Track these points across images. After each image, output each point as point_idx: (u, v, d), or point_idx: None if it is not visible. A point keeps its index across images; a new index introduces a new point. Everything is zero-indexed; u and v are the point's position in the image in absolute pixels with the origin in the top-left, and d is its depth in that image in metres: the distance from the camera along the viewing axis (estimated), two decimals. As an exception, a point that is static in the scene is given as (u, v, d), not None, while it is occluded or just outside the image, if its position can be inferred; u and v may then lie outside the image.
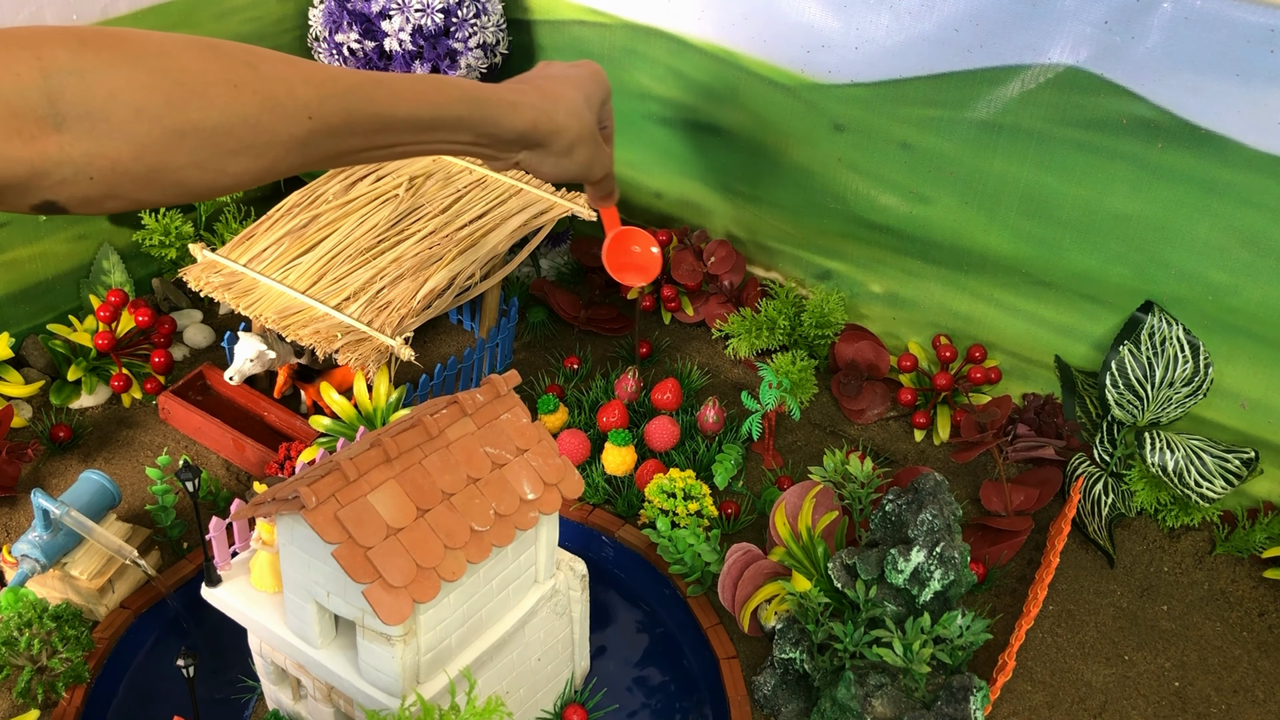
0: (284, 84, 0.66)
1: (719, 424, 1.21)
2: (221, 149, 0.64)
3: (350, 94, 0.70)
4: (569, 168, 0.88)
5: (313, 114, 0.68)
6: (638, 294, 1.35)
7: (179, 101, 0.61)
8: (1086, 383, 1.22)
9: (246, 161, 0.66)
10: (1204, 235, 1.07)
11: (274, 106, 0.65)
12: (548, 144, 0.85)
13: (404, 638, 0.75)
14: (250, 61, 0.65)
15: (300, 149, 0.68)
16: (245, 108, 0.64)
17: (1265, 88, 0.97)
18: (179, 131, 0.61)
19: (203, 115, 0.62)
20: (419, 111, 0.75)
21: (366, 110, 0.71)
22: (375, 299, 1.10)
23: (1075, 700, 1.00)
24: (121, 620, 1.00)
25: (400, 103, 0.73)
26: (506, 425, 0.81)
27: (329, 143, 0.70)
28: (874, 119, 1.19)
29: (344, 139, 0.71)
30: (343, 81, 0.70)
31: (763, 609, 1.01)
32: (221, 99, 0.63)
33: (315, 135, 0.69)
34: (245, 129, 0.64)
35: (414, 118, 0.75)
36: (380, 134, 0.74)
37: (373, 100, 0.72)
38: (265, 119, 0.65)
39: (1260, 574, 1.13)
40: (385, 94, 0.73)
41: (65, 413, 1.22)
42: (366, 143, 0.74)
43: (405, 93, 0.74)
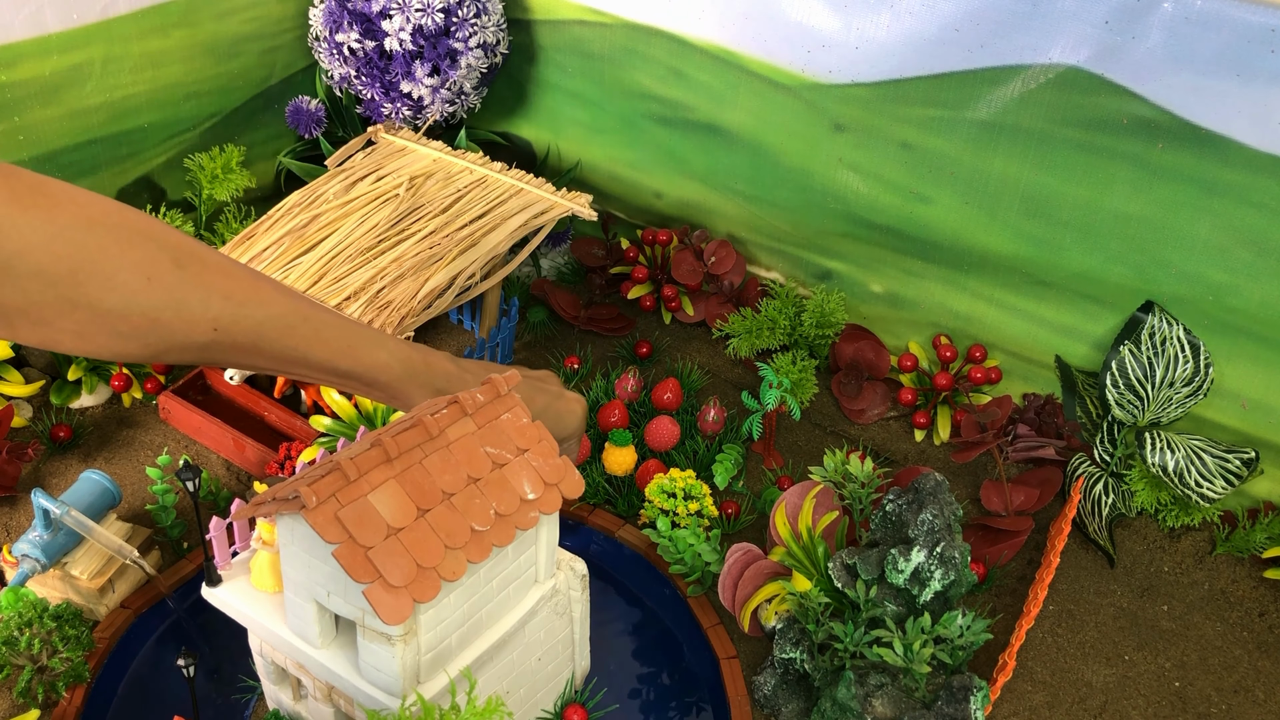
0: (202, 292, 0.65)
1: (719, 424, 1.21)
2: (112, 331, 0.63)
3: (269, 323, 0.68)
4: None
5: (220, 327, 0.66)
6: (639, 293, 1.35)
7: (84, 278, 0.60)
8: (1087, 383, 1.22)
9: (132, 347, 0.64)
10: (1204, 235, 1.07)
11: (182, 310, 0.64)
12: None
13: (404, 638, 0.75)
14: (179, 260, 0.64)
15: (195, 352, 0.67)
16: (150, 301, 0.63)
17: (1265, 88, 0.97)
18: (73, 302, 0.60)
19: (102, 296, 0.61)
20: (336, 362, 0.73)
21: (280, 342, 0.70)
22: (376, 299, 1.10)
23: (1075, 700, 1.00)
24: (121, 620, 1.00)
25: (320, 347, 0.72)
26: (507, 425, 0.81)
27: (228, 355, 0.69)
28: (874, 119, 1.19)
29: (248, 357, 0.70)
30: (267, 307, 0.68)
31: (763, 609, 1.01)
32: (128, 287, 0.62)
33: (215, 346, 0.67)
34: (143, 321, 0.63)
35: (329, 365, 0.73)
36: (288, 365, 0.72)
37: (290, 334, 0.70)
38: (167, 318, 0.64)
39: (1260, 574, 1.13)
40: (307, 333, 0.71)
41: (65, 412, 1.22)
42: (271, 367, 0.72)
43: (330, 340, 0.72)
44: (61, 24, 1.16)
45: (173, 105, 1.32)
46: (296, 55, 1.45)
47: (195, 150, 1.37)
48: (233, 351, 0.69)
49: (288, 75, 1.45)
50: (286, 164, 1.48)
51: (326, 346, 0.72)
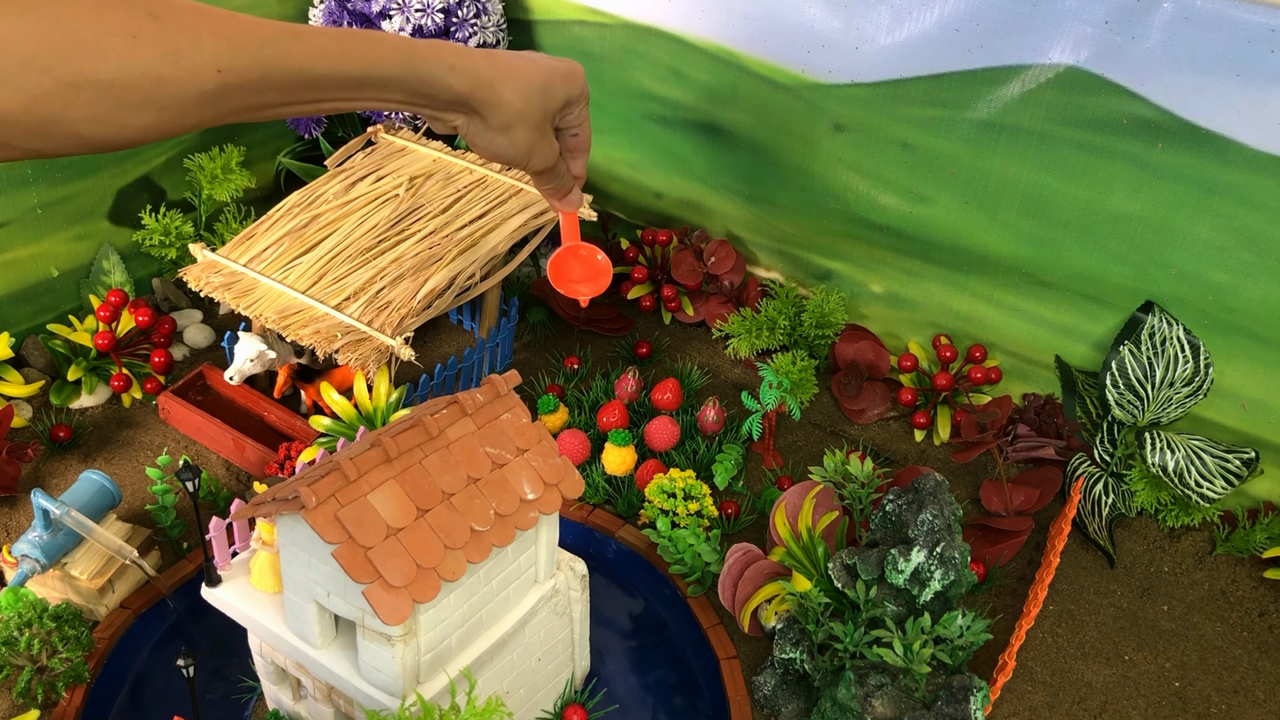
0: (190, 35, 0.63)
1: (719, 424, 1.21)
2: (121, 102, 0.61)
3: (265, 47, 0.67)
4: (505, 147, 0.83)
5: (222, 67, 0.65)
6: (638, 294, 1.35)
7: (71, 52, 0.58)
8: (1087, 383, 1.22)
9: (149, 115, 0.63)
10: (1204, 235, 1.07)
11: (178, 59, 0.62)
12: (485, 115, 0.80)
13: (404, 638, 0.75)
14: (153, 11, 0.62)
15: (210, 103, 0.65)
16: (145, 60, 0.61)
17: (1266, 88, 0.97)
18: (73, 84, 0.59)
19: (98, 67, 0.59)
20: (344, 68, 0.71)
21: (284, 65, 0.68)
22: (375, 299, 1.10)
23: (1075, 700, 1.00)
24: (121, 620, 1.00)
25: (323, 59, 0.70)
26: (506, 425, 0.81)
27: (243, 97, 0.67)
28: (874, 119, 1.19)
29: (260, 94, 0.68)
30: (257, 34, 0.67)
31: (763, 609, 1.01)
32: (118, 50, 0.60)
33: (226, 90, 0.65)
34: (146, 82, 0.61)
35: (338, 74, 0.71)
36: (301, 90, 0.70)
37: (290, 54, 0.68)
38: (168, 71, 0.62)
39: (1260, 574, 1.13)
40: (304, 48, 0.69)
41: (65, 413, 1.22)
42: (286, 98, 0.70)
43: (329, 48, 0.70)
44: (61, 24, 1.15)
45: (173, 105, 1.31)
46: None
47: (195, 150, 1.37)
48: (244, 92, 0.67)
49: (288, 75, 1.45)
50: (286, 164, 1.48)
51: (328, 56, 0.70)
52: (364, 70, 0.72)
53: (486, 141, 0.82)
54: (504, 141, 0.82)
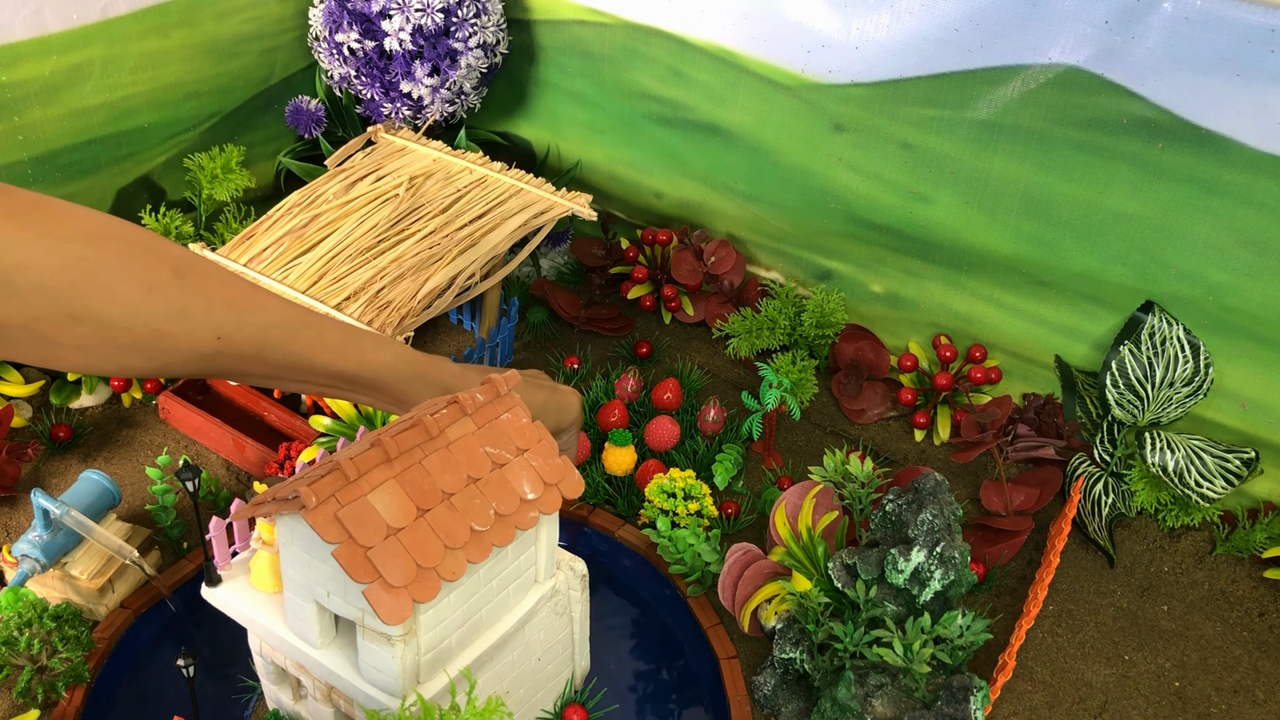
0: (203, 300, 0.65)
1: (719, 424, 1.21)
2: (115, 344, 0.63)
3: (272, 329, 0.68)
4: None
5: (223, 335, 0.66)
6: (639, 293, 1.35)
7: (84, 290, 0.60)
8: (1087, 383, 1.22)
9: (136, 360, 0.64)
10: (1204, 235, 1.07)
11: (183, 318, 0.64)
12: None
13: (404, 638, 0.75)
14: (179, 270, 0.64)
15: (200, 361, 0.67)
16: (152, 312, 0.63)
17: (1266, 88, 0.97)
18: (75, 316, 0.60)
19: (104, 308, 0.61)
20: (341, 365, 0.73)
21: (283, 348, 0.70)
22: (375, 299, 1.10)
23: (1075, 700, 1.00)
24: (121, 620, 1.00)
25: (323, 352, 0.72)
26: (506, 425, 0.81)
27: (234, 364, 0.69)
28: (874, 119, 1.19)
29: (252, 365, 0.70)
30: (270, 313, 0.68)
31: (763, 609, 1.01)
32: (130, 298, 0.62)
33: (221, 355, 0.67)
34: (145, 331, 0.63)
35: (333, 369, 0.73)
36: (291, 372, 0.72)
37: (293, 341, 0.70)
38: (170, 328, 0.64)
39: (1260, 574, 1.13)
40: (310, 338, 0.71)
41: (65, 412, 1.22)
42: (274, 374, 0.72)
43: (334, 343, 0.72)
44: (61, 24, 1.16)
45: (173, 105, 1.32)
46: (296, 55, 1.45)
47: (195, 150, 1.36)
48: (236, 361, 0.69)
49: (288, 75, 1.45)
50: (286, 164, 1.48)
51: (330, 350, 0.72)
52: (359, 371, 0.74)
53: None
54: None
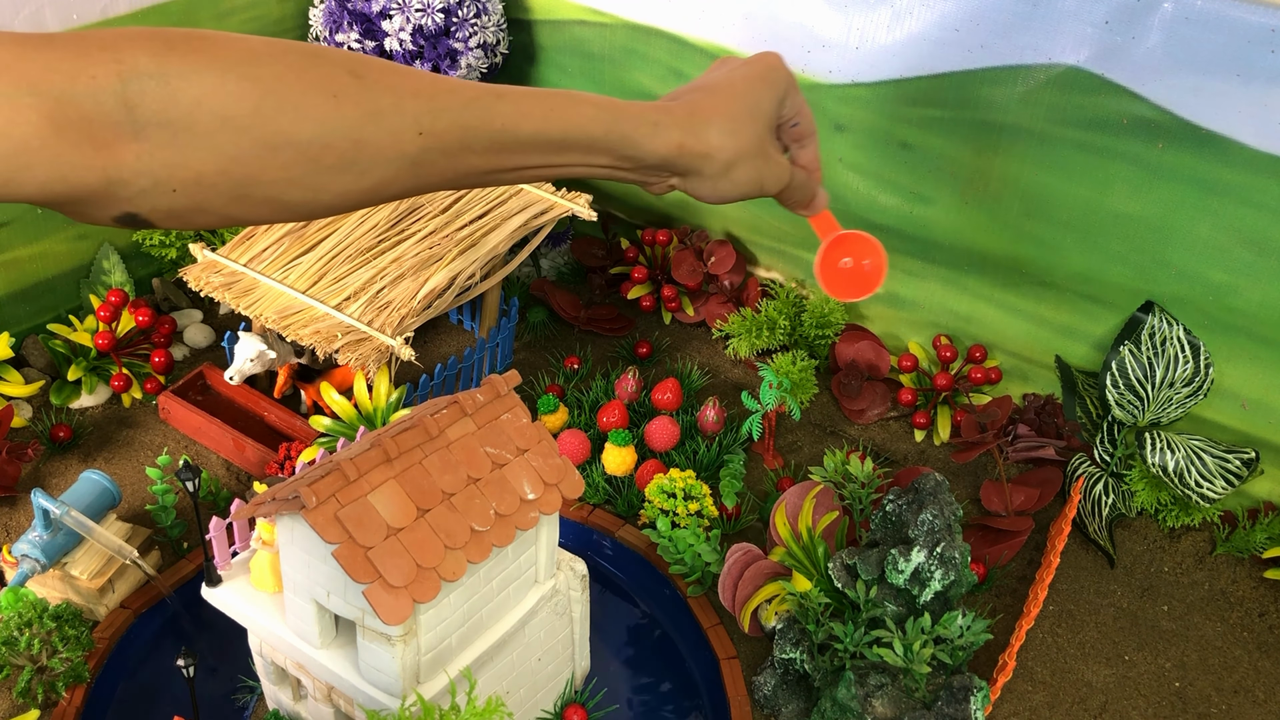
0: (391, 95, 0.60)
1: (719, 424, 1.21)
2: (319, 164, 0.59)
3: (467, 108, 0.63)
4: (730, 191, 0.76)
5: (424, 129, 0.62)
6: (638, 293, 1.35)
7: (270, 111, 0.56)
8: (1087, 383, 1.22)
9: (349, 180, 0.60)
10: (1204, 235, 1.07)
11: (379, 120, 0.60)
12: (700, 169, 0.74)
13: (404, 638, 0.75)
14: (355, 70, 0.60)
15: (411, 168, 0.62)
16: (345, 120, 0.58)
17: (1266, 88, 0.97)
18: (270, 144, 0.56)
19: (297, 127, 0.57)
20: (547, 130, 0.67)
21: (486, 127, 0.64)
22: (375, 299, 1.10)
23: (1075, 700, 1.00)
24: (121, 620, 1.00)
25: (525, 120, 0.66)
26: (506, 425, 0.81)
27: (445, 162, 0.64)
28: (874, 119, 1.19)
29: (462, 158, 0.65)
30: (460, 94, 0.63)
31: (763, 609, 1.01)
32: (318, 110, 0.57)
33: (428, 153, 0.62)
34: (346, 144, 0.59)
35: (541, 136, 0.67)
36: (503, 153, 0.66)
37: (493, 115, 0.64)
38: (369, 133, 0.59)
39: (1260, 574, 1.13)
40: (507, 108, 0.65)
41: (65, 413, 1.22)
42: (488, 163, 0.66)
43: (531, 109, 0.66)
44: (61, 24, 1.16)
45: (173, 105, 1.31)
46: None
47: (195, 150, 1.36)
48: (444, 157, 0.63)
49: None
50: (286, 164, 1.47)
51: (531, 118, 0.66)
52: (566, 132, 0.68)
53: (712, 191, 0.76)
54: (728, 186, 0.76)
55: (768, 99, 0.77)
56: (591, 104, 0.69)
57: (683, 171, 0.74)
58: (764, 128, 0.77)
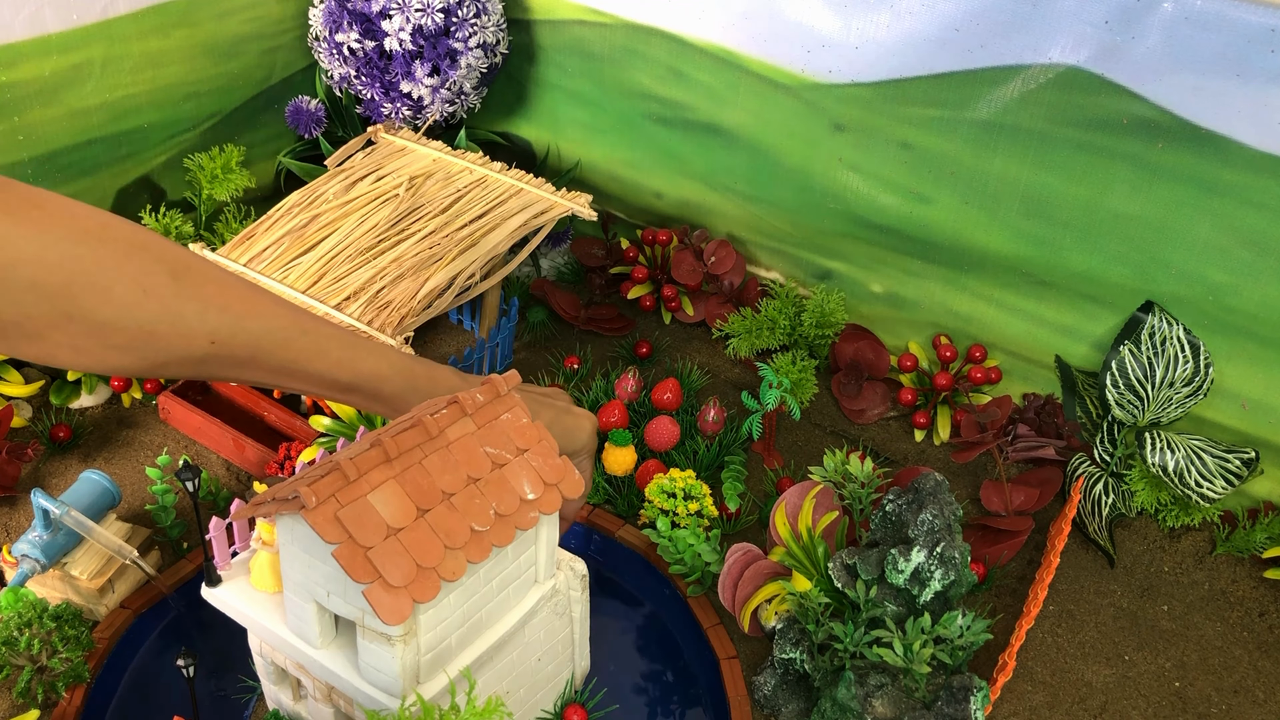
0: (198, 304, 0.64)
1: (719, 424, 1.21)
2: (106, 343, 0.62)
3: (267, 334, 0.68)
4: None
5: (216, 340, 0.65)
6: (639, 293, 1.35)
7: (78, 290, 0.59)
8: (1087, 383, 1.22)
9: (129, 360, 0.64)
10: (1204, 235, 1.07)
11: (178, 323, 0.63)
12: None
13: (404, 638, 0.75)
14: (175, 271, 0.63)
15: (193, 365, 0.66)
16: (146, 315, 0.62)
17: (1266, 88, 0.97)
18: (67, 314, 0.60)
19: (98, 309, 0.60)
20: (336, 373, 0.72)
21: (279, 354, 0.69)
22: (375, 299, 1.10)
23: (1075, 700, 1.00)
24: (121, 620, 1.00)
25: (319, 360, 0.71)
26: (506, 425, 0.81)
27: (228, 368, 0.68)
28: (874, 119, 1.19)
29: (246, 370, 0.69)
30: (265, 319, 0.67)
31: (763, 609, 1.01)
32: (124, 299, 0.61)
33: (213, 358, 0.66)
34: (139, 334, 0.62)
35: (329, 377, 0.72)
36: (287, 378, 0.71)
37: (288, 348, 0.69)
38: (163, 330, 0.63)
39: (1260, 574, 1.13)
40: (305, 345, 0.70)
41: (65, 412, 1.22)
42: (270, 381, 0.71)
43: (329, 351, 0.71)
44: (61, 24, 1.16)
45: (173, 105, 1.32)
46: (296, 55, 1.45)
47: (195, 150, 1.36)
48: (230, 365, 0.68)
49: (288, 75, 1.45)
50: (286, 164, 1.48)
51: (326, 359, 0.71)
52: (354, 380, 0.73)
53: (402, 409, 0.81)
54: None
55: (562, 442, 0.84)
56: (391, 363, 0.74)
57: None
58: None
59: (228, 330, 0.66)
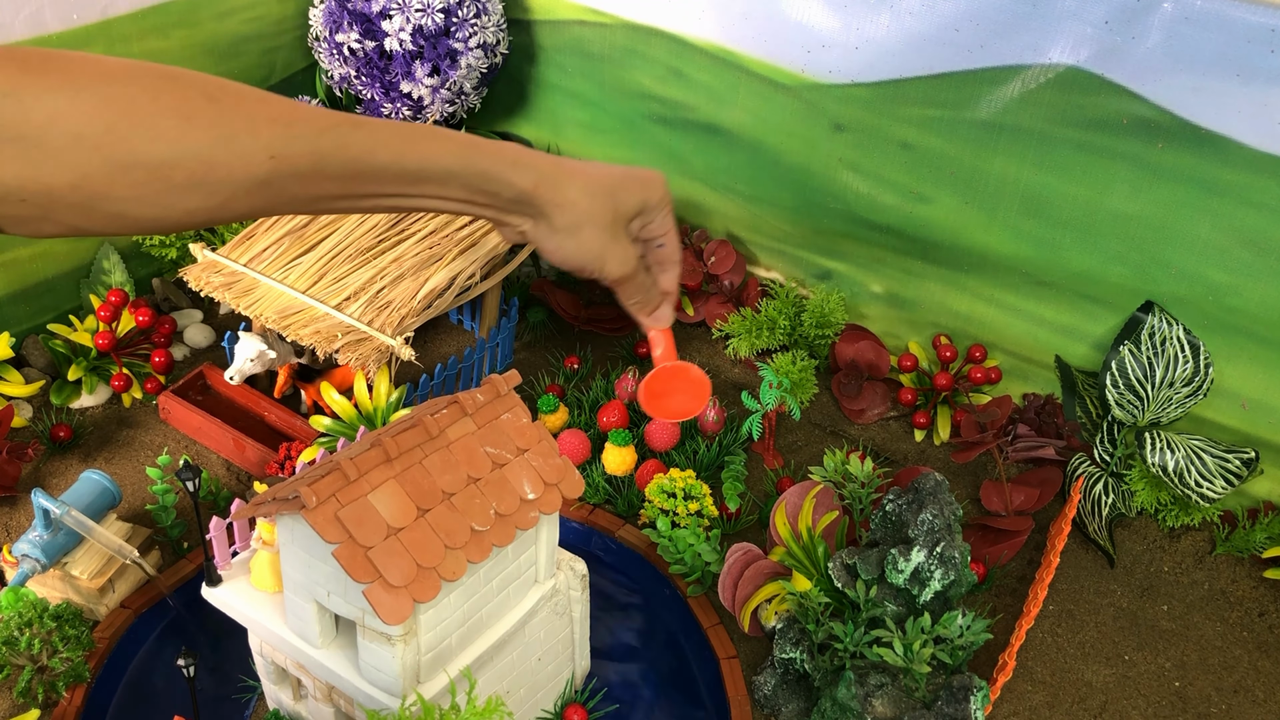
0: (245, 120, 0.62)
1: (719, 424, 1.21)
2: (169, 184, 0.60)
3: (322, 135, 0.65)
4: (574, 250, 0.78)
5: (275, 154, 0.63)
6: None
7: (123, 131, 0.58)
8: (1087, 383, 1.22)
9: (197, 199, 0.62)
10: (1204, 235, 1.07)
11: (230, 143, 0.61)
12: (550, 215, 0.75)
13: (404, 638, 0.75)
14: (210, 94, 0.61)
15: (261, 190, 0.64)
16: (196, 142, 0.60)
17: (1266, 88, 0.97)
18: (121, 163, 0.58)
19: (148, 147, 0.59)
20: (402, 161, 0.69)
21: (340, 155, 0.66)
22: (375, 299, 1.10)
23: (1075, 700, 1.00)
24: (121, 620, 1.00)
25: (381, 149, 0.67)
26: (506, 425, 0.81)
27: (296, 186, 0.65)
28: (874, 119, 1.19)
29: (314, 183, 0.66)
30: (315, 122, 0.65)
31: (763, 609, 1.01)
32: (171, 131, 0.59)
33: (278, 177, 0.64)
34: (196, 165, 0.60)
35: (396, 167, 0.69)
36: (356, 181, 0.68)
37: (347, 144, 0.66)
38: (219, 155, 0.61)
39: (1260, 574, 1.13)
40: (363, 137, 0.67)
41: (65, 412, 1.22)
42: (342, 189, 0.68)
43: (388, 139, 0.68)
44: (61, 24, 1.16)
45: (173, 105, 1.31)
46: (296, 55, 1.45)
47: (195, 150, 1.36)
48: (297, 181, 0.65)
49: (288, 75, 1.45)
50: (286, 164, 1.48)
51: (387, 148, 0.68)
52: (422, 164, 0.70)
53: (555, 245, 0.77)
54: (572, 245, 0.77)
55: (634, 197, 0.79)
56: (450, 138, 0.71)
57: (534, 214, 0.76)
58: (621, 213, 0.79)
59: (282, 140, 0.63)
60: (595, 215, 0.77)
